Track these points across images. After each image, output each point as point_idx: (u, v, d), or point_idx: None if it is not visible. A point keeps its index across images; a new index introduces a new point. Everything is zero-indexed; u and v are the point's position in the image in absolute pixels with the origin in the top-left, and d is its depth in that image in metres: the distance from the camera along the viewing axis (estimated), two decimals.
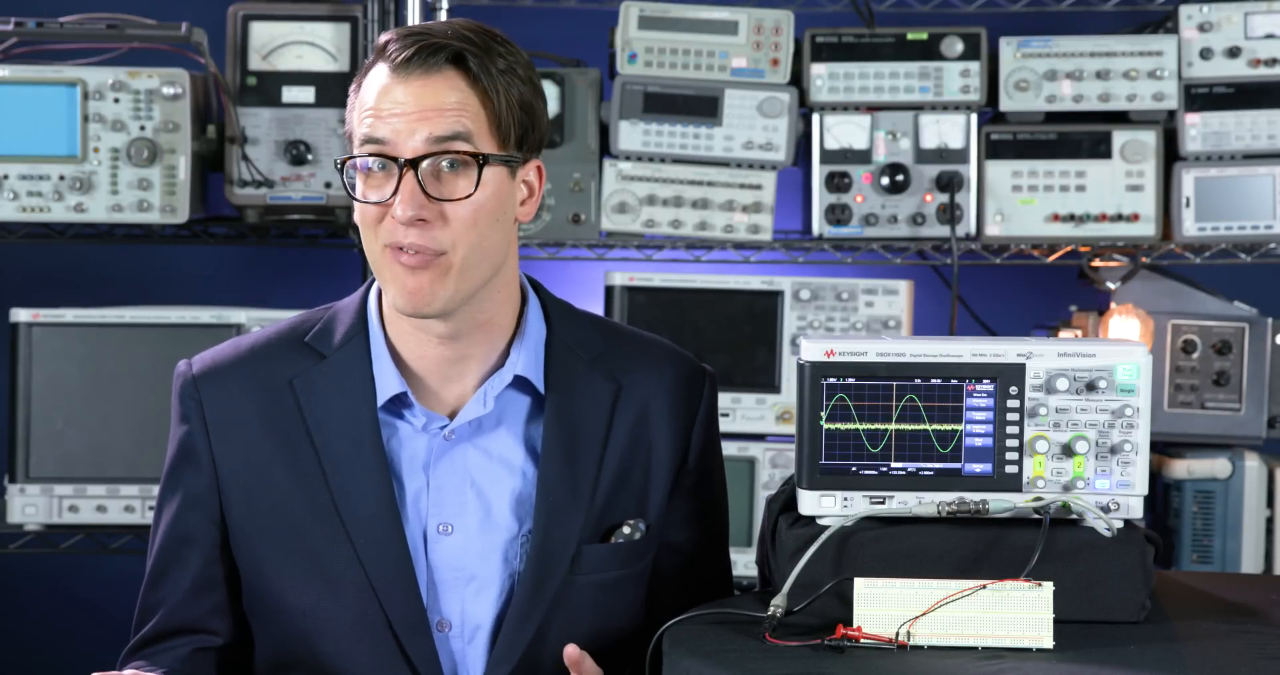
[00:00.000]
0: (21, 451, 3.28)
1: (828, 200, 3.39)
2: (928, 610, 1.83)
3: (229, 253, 3.88)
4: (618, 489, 2.09)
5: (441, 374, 2.06)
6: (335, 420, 2.04)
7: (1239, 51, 3.33)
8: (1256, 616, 1.98)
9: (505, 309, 2.08)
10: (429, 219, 1.96)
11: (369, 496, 2.02)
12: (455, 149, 1.97)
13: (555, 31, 3.68)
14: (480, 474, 2.06)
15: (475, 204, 1.98)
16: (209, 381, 2.07)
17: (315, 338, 2.08)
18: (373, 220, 1.99)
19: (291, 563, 2.03)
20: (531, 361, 2.08)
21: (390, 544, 2.02)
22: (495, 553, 2.05)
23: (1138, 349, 1.94)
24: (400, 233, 1.96)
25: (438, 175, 1.97)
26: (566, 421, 2.07)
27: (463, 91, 1.98)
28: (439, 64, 1.97)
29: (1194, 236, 3.35)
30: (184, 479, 2.08)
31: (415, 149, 1.96)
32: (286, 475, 2.04)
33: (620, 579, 2.09)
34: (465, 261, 1.98)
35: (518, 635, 2.03)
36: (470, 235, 1.98)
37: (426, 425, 2.06)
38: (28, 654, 3.90)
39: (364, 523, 2.02)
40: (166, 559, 2.09)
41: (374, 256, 2.01)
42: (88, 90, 3.28)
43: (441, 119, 1.96)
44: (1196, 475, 3.38)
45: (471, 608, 2.05)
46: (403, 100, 1.97)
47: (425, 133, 1.96)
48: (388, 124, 1.96)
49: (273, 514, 2.04)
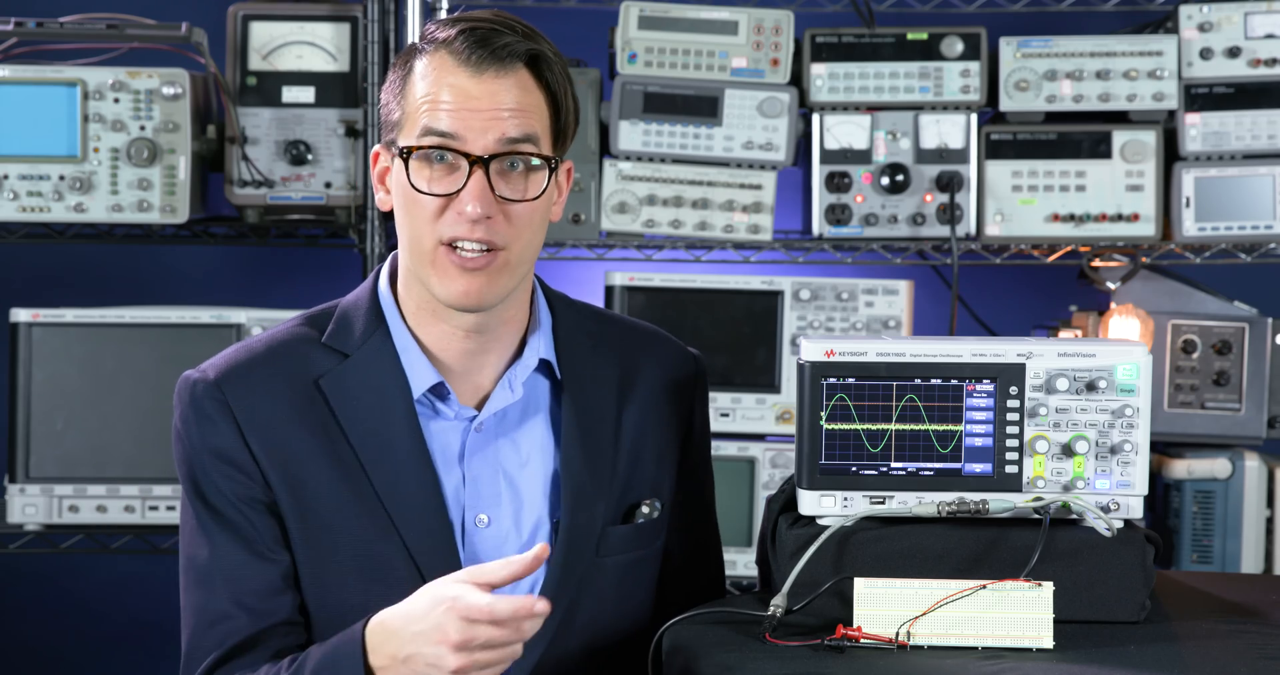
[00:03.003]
0: (21, 451, 3.27)
1: (828, 200, 3.39)
2: (928, 610, 1.83)
3: (229, 253, 3.88)
4: (632, 470, 2.11)
5: (464, 366, 2.07)
6: (370, 416, 2.03)
7: (1239, 51, 3.32)
8: (1256, 616, 1.98)
9: (524, 301, 2.10)
10: (493, 215, 1.97)
11: (415, 488, 2.02)
12: (526, 150, 1.98)
13: (555, 31, 3.66)
14: (511, 465, 2.07)
15: (535, 204, 2.00)
16: (231, 384, 2.03)
17: (333, 337, 2.07)
18: (432, 213, 1.98)
19: (339, 559, 2.02)
20: (548, 347, 2.11)
21: (441, 535, 2.02)
22: (530, 541, 2.06)
23: (1138, 349, 1.94)
24: (465, 228, 1.96)
25: (504, 174, 1.98)
26: (582, 406, 2.09)
27: (532, 93, 2.00)
28: (514, 63, 1.98)
29: (1194, 236, 3.35)
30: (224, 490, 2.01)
31: (488, 148, 1.96)
32: (326, 473, 2.02)
33: (639, 559, 2.12)
34: (518, 259, 2.00)
35: (547, 621, 2.03)
36: (527, 234, 2.00)
37: (456, 416, 2.06)
38: (28, 654, 3.90)
39: (413, 514, 2.01)
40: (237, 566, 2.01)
41: (422, 249, 1.99)
42: (88, 90, 3.28)
43: (515, 120, 1.97)
44: (1196, 475, 3.38)
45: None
46: (475, 95, 1.97)
47: (499, 133, 1.97)
48: (458, 118, 1.96)
49: (320, 510, 2.02)
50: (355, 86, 3.37)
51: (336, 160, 3.36)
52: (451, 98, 1.96)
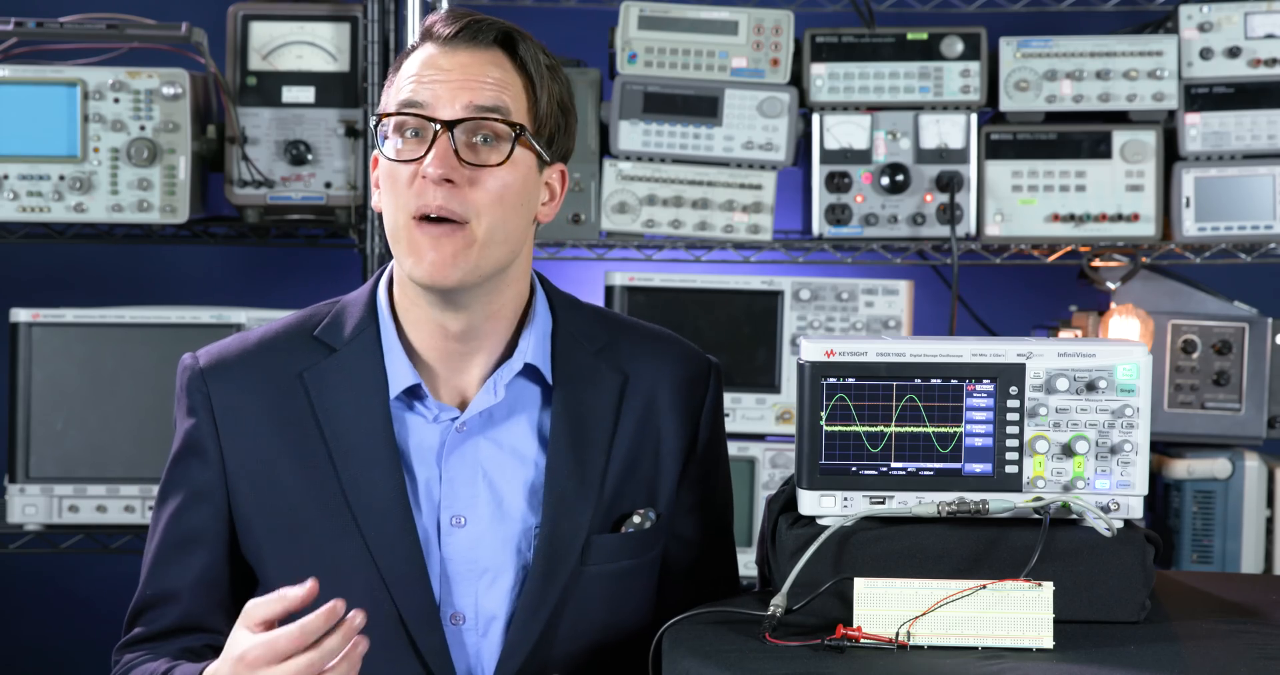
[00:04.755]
0: (21, 451, 3.28)
1: (828, 200, 3.39)
2: (928, 610, 1.83)
3: (229, 253, 3.88)
4: (626, 479, 2.09)
5: (451, 365, 2.07)
6: (346, 412, 2.04)
7: (1239, 51, 3.33)
8: (1256, 616, 1.98)
9: (515, 301, 2.09)
10: (458, 183, 1.96)
11: (380, 489, 2.02)
12: (494, 119, 1.98)
13: (555, 31, 3.67)
14: (492, 466, 2.06)
15: (503, 179, 1.99)
16: (216, 375, 2.06)
17: (325, 331, 2.08)
18: (404, 183, 1.98)
19: (300, 556, 2.03)
20: (540, 351, 2.09)
21: (402, 537, 2.01)
22: (509, 545, 2.05)
23: (1138, 349, 1.94)
24: (429, 193, 1.96)
25: (472, 146, 1.98)
26: (573, 412, 2.08)
27: (507, 71, 2.01)
28: (486, 41, 2.01)
29: (1194, 236, 3.35)
30: (190, 473, 2.07)
31: (454, 113, 1.97)
32: (296, 470, 2.03)
33: (630, 569, 2.10)
34: (487, 236, 1.98)
35: (528, 627, 2.03)
36: (496, 210, 1.99)
37: (438, 416, 2.06)
38: (28, 654, 3.90)
39: (375, 515, 2.02)
40: (169, 553, 2.07)
41: (395, 227, 2.00)
42: (88, 90, 3.28)
43: (484, 89, 1.98)
44: (1196, 475, 3.38)
45: (485, 600, 2.05)
46: (447, 68, 1.99)
47: (466, 99, 1.97)
48: (428, 88, 1.98)
49: (281, 508, 2.04)
50: (355, 86, 3.37)
51: (336, 160, 3.36)
52: (426, 73, 1.99)
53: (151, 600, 2.08)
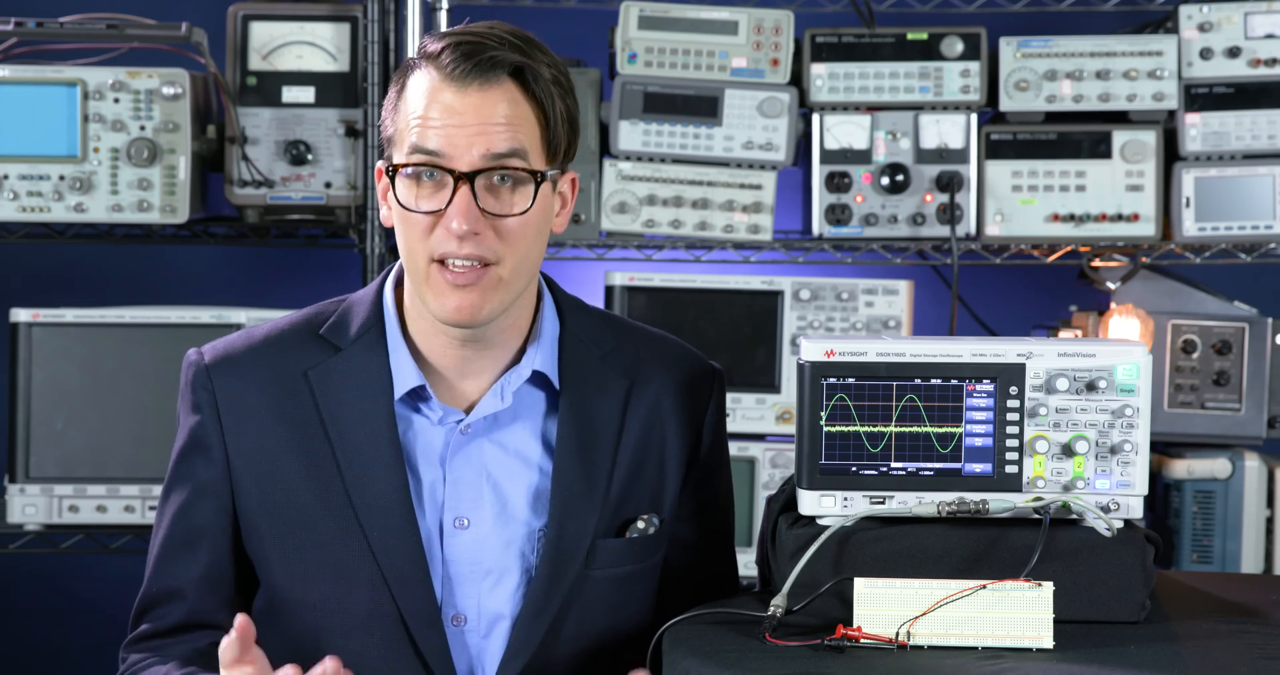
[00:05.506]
0: (21, 451, 3.28)
1: (828, 200, 3.39)
2: (928, 610, 1.83)
3: (229, 253, 3.88)
4: (631, 484, 2.09)
5: (459, 370, 2.07)
6: (351, 412, 2.04)
7: (1239, 51, 3.33)
8: (1256, 616, 1.98)
9: (525, 309, 2.09)
10: (481, 231, 1.96)
11: (383, 489, 2.02)
12: (512, 165, 1.96)
13: (555, 31, 3.68)
14: (497, 468, 2.06)
15: (526, 219, 1.98)
16: (222, 370, 2.06)
17: (330, 330, 2.08)
18: (423, 230, 1.97)
19: (302, 555, 2.03)
20: (548, 357, 2.09)
21: (404, 537, 2.01)
22: (512, 547, 2.05)
23: (1138, 349, 1.94)
24: (453, 245, 1.96)
25: (491, 189, 1.97)
26: (581, 417, 2.08)
27: (519, 105, 1.98)
28: (497, 77, 1.96)
29: (1194, 236, 3.35)
30: (195, 469, 2.07)
31: (472, 163, 1.95)
32: (300, 467, 2.03)
33: (633, 573, 2.10)
34: (513, 274, 1.99)
35: (532, 629, 2.03)
36: (520, 248, 1.98)
37: (443, 418, 2.06)
38: (28, 654, 3.90)
39: (378, 515, 2.02)
40: (174, 550, 2.07)
41: (417, 265, 1.99)
42: (88, 90, 3.28)
43: (499, 135, 1.96)
44: (1196, 475, 3.38)
45: (488, 602, 2.05)
46: (460, 111, 1.95)
47: (483, 148, 1.95)
48: (442, 134, 1.95)
49: (284, 506, 2.04)
50: (355, 86, 3.37)
51: (336, 160, 3.36)
52: (437, 114, 1.96)
53: (157, 597, 2.08)
